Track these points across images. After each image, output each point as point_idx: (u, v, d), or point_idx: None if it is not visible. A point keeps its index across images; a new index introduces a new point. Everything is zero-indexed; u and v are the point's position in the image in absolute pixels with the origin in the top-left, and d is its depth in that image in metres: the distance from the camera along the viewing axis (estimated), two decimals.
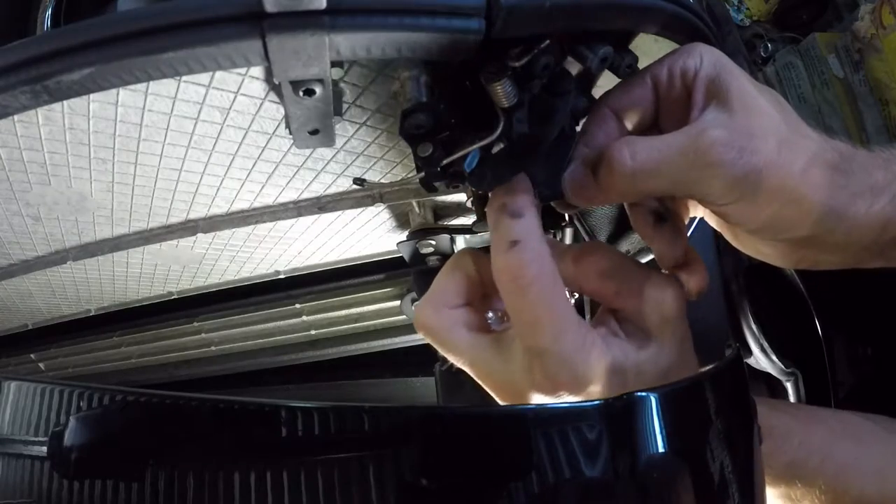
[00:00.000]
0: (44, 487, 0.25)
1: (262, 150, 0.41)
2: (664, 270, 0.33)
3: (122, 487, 0.23)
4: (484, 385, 0.32)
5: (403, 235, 0.60)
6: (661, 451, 0.26)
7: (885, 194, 0.30)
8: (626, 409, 0.26)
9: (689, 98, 0.31)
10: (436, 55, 0.27)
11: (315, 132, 0.34)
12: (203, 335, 0.85)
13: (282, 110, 0.36)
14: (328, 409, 0.24)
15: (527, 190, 0.30)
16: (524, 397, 0.30)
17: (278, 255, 0.64)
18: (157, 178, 0.43)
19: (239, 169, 0.43)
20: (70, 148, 0.38)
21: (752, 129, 0.28)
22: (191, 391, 0.26)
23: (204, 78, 0.32)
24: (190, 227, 0.53)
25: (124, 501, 0.23)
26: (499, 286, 0.29)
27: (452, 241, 0.58)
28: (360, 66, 0.33)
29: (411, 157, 0.31)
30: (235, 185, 0.46)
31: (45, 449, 0.25)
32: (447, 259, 0.34)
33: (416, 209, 0.57)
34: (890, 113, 1.05)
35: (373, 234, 0.62)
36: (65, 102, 0.32)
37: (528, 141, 0.30)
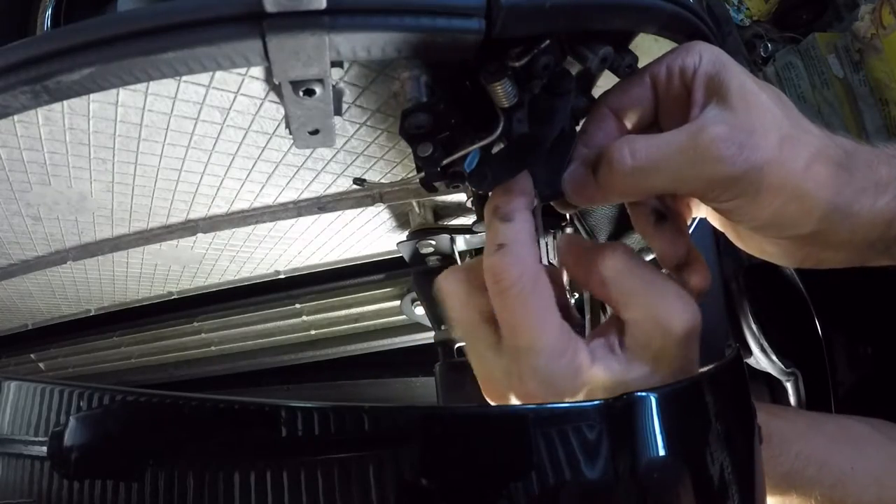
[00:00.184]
0: (44, 487, 0.25)
1: (262, 150, 0.41)
2: (664, 270, 0.33)
3: (122, 487, 0.24)
4: (475, 371, 0.32)
5: (403, 235, 0.60)
6: (661, 451, 0.26)
7: (890, 190, 0.29)
8: (626, 409, 0.26)
9: (689, 96, 0.31)
10: (436, 55, 0.27)
11: (315, 132, 0.34)
12: (203, 335, 0.85)
13: (282, 110, 0.36)
14: (328, 409, 0.24)
15: (523, 192, 0.30)
16: (504, 396, 0.30)
17: (278, 255, 0.64)
18: (157, 178, 0.43)
19: (239, 169, 0.43)
20: (70, 148, 0.38)
21: (752, 125, 0.28)
22: (191, 391, 0.26)
23: (204, 78, 0.32)
24: (190, 227, 0.53)
25: (124, 501, 0.23)
26: (487, 286, 0.29)
27: (452, 241, 0.58)
28: (360, 66, 0.33)
29: (411, 157, 0.31)
30: (235, 185, 0.46)
31: (45, 449, 0.25)
32: (447, 259, 0.34)
33: (416, 209, 0.57)
34: (890, 113, 1.05)
35: (373, 234, 0.62)
36: (65, 102, 0.32)
37: (528, 141, 0.30)
